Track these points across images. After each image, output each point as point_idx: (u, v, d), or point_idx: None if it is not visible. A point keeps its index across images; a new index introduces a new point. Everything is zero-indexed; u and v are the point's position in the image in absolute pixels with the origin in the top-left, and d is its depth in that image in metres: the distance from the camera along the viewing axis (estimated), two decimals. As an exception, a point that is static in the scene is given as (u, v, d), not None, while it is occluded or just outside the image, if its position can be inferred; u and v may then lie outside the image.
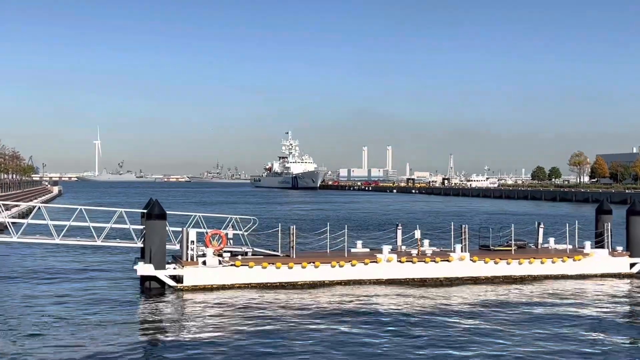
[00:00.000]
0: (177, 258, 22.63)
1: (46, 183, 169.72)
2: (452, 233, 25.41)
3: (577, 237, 27.18)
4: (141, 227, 22.69)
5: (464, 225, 25.13)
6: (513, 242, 25.99)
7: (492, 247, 26.34)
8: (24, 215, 47.48)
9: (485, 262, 24.42)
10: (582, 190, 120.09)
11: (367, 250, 25.67)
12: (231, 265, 21.97)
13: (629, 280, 24.98)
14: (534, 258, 25.00)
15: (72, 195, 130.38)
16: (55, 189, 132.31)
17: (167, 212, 22.22)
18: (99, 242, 22.47)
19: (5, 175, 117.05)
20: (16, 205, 50.36)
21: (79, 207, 22.80)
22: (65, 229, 22.14)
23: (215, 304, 19.53)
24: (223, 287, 21.68)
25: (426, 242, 25.86)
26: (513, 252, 25.44)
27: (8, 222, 22.74)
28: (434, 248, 25.72)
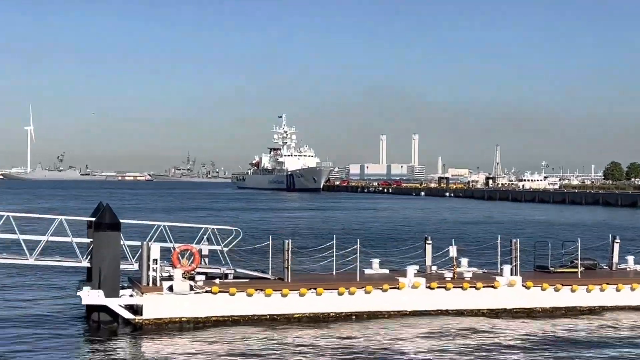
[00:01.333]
0: (135, 282, 22.64)
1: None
2: (499, 250, 25.38)
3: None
4: (87, 240, 22.72)
5: (514, 240, 25.12)
6: (579, 262, 25.97)
7: (551, 269, 26.34)
8: None
9: (543, 289, 24.41)
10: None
11: (386, 272, 25.67)
12: (206, 291, 21.96)
13: None
14: (607, 284, 24.95)
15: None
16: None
17: (122, 220, 22.25)
18: (31, 261, 22.41)
19: None
20: None
21: (5, 213, 22.75)
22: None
23: (185, 343, 19.51)
24: (195, 321, 21.69)
25: (464, 261, 25.87)
26: (579, 276, 25.42)
27: None
28: (475, 269, 25.73)
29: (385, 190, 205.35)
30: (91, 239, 22.14)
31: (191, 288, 21.89)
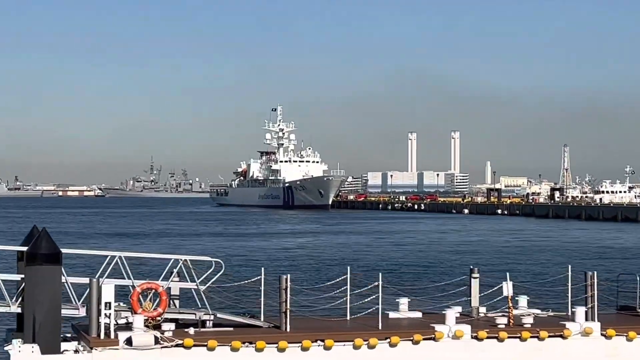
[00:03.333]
0: (81, 332, 22.61)
1: None
2: (570, 286, 25.43)
3: None
4: (17, 277, 22.71)
5: (590, 273, 25.13)
6: (678, 303, 26.17)
7: (640, 311, 26.59)
8: None
9: (629, 339, 24.31)
10: None
11: (419, 315, 25.71)
12: (177, 345, 21.88)
13: None
14: None
15: None
16: None
17: (64, 250, 22.26)
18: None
19: None
20: None
21: None
22: None
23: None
24: (163, 385, 21.77)
25: (523, 301, 25.93)
26: (678, 320, 25.59)
27: None
28: (538, 312, 25.78)
29: (416, 207, 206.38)
30: (22, 275, 22.11)
31: (157, 340, 21.76)
